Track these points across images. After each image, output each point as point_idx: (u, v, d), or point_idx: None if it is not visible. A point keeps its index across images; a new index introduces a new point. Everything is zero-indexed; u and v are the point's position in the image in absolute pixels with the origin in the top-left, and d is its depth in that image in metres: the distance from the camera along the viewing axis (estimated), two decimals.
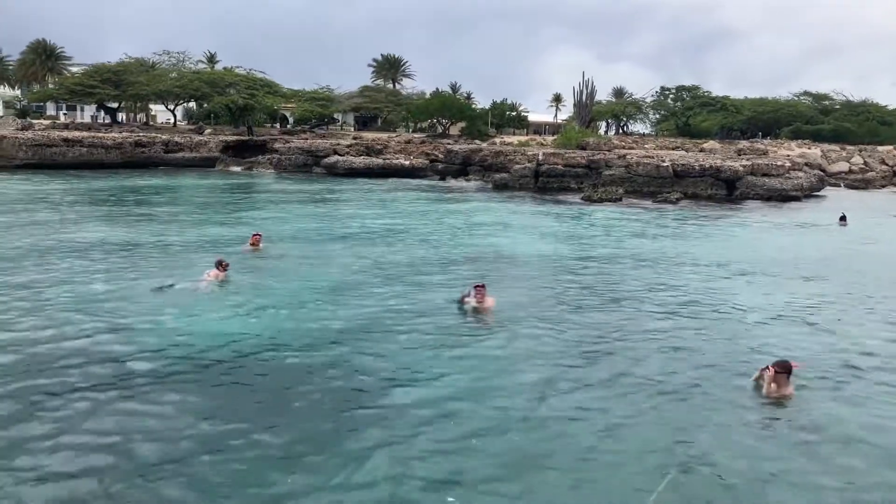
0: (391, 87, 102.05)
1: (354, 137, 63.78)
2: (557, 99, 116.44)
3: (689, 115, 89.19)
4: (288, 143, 54.30)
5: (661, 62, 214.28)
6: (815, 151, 58.52)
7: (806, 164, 47.44)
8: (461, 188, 42.11)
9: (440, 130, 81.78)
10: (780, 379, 9.09)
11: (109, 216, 24.95)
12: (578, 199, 35.86)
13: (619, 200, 35.51)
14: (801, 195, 38.23)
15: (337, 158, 48.90)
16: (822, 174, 46.64)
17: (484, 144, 55.07)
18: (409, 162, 52.06)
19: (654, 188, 37.39)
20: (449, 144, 56.51)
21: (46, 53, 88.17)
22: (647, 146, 57.69)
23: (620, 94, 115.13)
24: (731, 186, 37.51)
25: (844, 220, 29.12)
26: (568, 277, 16.54)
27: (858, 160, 58.24)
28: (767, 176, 38.04)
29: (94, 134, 52.59)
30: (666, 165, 38.20)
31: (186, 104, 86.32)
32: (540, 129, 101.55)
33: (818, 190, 42.50)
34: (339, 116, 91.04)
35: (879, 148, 64.23)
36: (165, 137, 54.00)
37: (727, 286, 15.92)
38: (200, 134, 61.28)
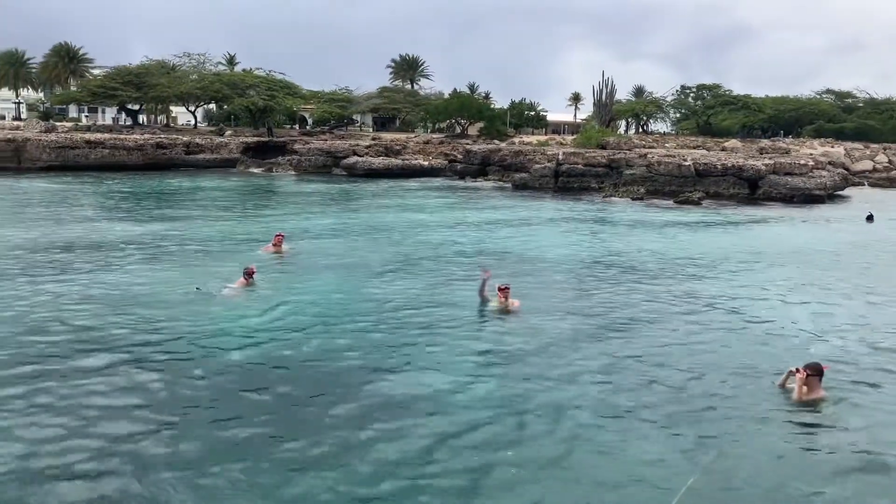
0: (409, 87, 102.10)
1: (373, 138, 63.85)
2: (576, 98, 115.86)
3: (709, 113, 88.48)
4: (308, 144, 54.45)
5: (680, 60, 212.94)
6: (838, 150, 57.84)
7: (829, 162, 46.85)
8: (480, 188, 42.02)
9: (459, 131, 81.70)
10: (811, 382, 8.85)
11: (133, 217, 25.11)
12: (599, 198, 35.70)
13: (640, 200, 35.30)
14: (824, 194, 37.76)
15: (356, 159, 48.98)
16: (845, 173, 46.07)
17: (503, 144, 54.94)
18: (427, 162, 52.08)
19: (675, 188, 37.09)
20: (468, 145, 56.43)
21: (69, 56, 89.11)
22: (667, 145, 57.31)
23: (640, 92, 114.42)
24: (753, 186, 37.13)
25: (871, 219, 28.74)
26: (591, 278, 16.44)
27: (883, 158, 57.55)
28: (790, 175, 37.61)
29: (115, 136, 53.01)
30: (688, 164, 37.90)
31: (207, 106, 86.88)
32: (559, 128, 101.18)
33: (842, 189, 41.99)
34: (357, 117, 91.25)
35: None
36: (186, 139, 54.36)
37: (754, 287, 15.71)
38: (221, 135, 61.61)
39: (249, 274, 13.98)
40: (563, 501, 6.66)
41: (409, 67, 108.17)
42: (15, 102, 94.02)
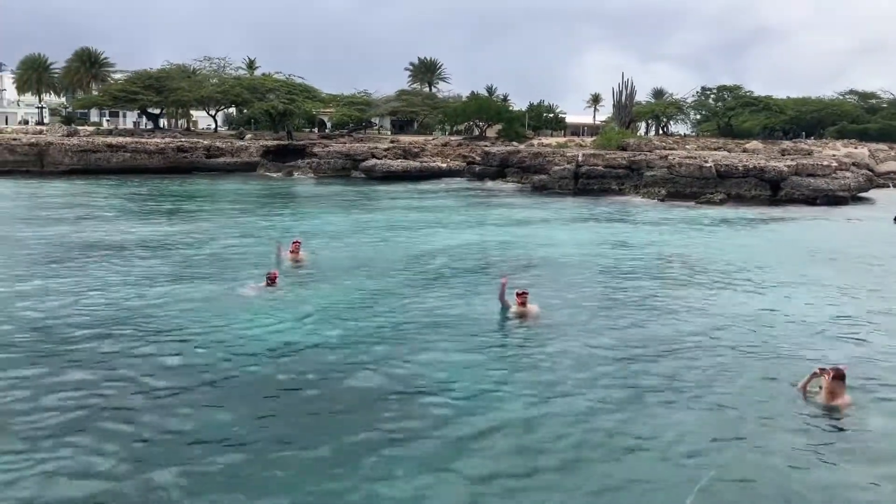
0: (427, 90, 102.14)
1: (392, 141, 63.90)
2: (596, 100, 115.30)
3: (730, 115, 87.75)
4: (327, 147, 54.60)
5: (700, 62, 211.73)
6: (862, 151, 57.07)
7: (853, 163, 46.21)
8: (499, 190, 41.92)
9: (477, 133, 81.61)
10: (836, 386, 8.60)
11: (152, 220, 25.28)
12: (620, 200, 35.48)
13: (661, 201, 35.03)
14: (848, 196, 37.24)
15: (375, 162, 49.05)
16: (869, 174, 45.39)
17: (522, 146, 54.72)
18: (446, 164, 52.07)
19: (696, 189, 36.76)
20: (486, 147, 56.31)
21: (91, 61, 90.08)
22: (688, 146, 56.88)
23: (660, 94, 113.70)
24: (775, 187, 36.69)
25: None
26: (612, 281, 16.28)
27: None
28: (813, 176, 37.12)
29: (137, 140, 53.46)
30: (709, 166, 37.54)
31: (227, 110, 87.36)
32: (578, 130, 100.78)
33: (866, 190, 41.38)
34: (376, 120, 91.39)
35: None
36: (207, 143, 54.69)
37: (779, 290, 15.49)
38: (241, 139, 61.94)
39: (272, 278, 14.00)
40: (577, 501, 6.58)
41: (427, 70, 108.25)
42: (38, 107, 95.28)
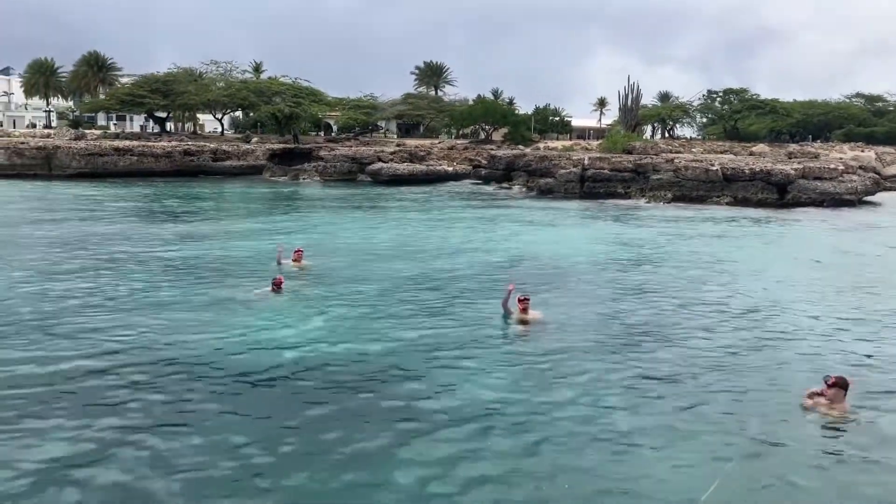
0: (434, 93, 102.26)
1: (398, 145, 63.99)
2: (601, 103, 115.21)
3: (737, 118, 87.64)
4: (333, 150, 54.70)
5: (706, 64, 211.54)
6: (868, 154, 56.85)
7: (860, 167, 46.07)
8: (505, 194, 41.92)
9: (483, 136, 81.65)
10: (836, 395, 8.45)
11: (158, 225, 25.34)
12: (626, 203, 35.44)
13: (667, 205, 34.99)
14: (855, 199, 37.15)
15: (381, 165, 49.13)
16: (877, 177, 45.20)
17: (528, 150, 54.75)
18: (452, 168, 52.16)
19: (702, 192, 36.75)
20: (492, 150, 56.33)
21: (98, 65, 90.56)
22: (694, 150, 56.77)
23: (666, 97, 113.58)
24: (782, 190, 36.60)
25: None
26: (616, 287, 16.11)
27: None
28: (820, 179, 37.03)
29: (144, 143, 53.68)
30: (715, 169, 37.49)
31: (233, 113, 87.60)
32: (583, 133, 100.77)
33: (873, 193, 41.24)
34: (382, 124, 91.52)
35: None
36: (213, 146, 54.87)
37: (788, 295, 15.36)
38: (247, 142, 62.12)
39: (277, 284, 13.99)
40: None
41: (433, 74, 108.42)
42: (45, 111, 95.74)
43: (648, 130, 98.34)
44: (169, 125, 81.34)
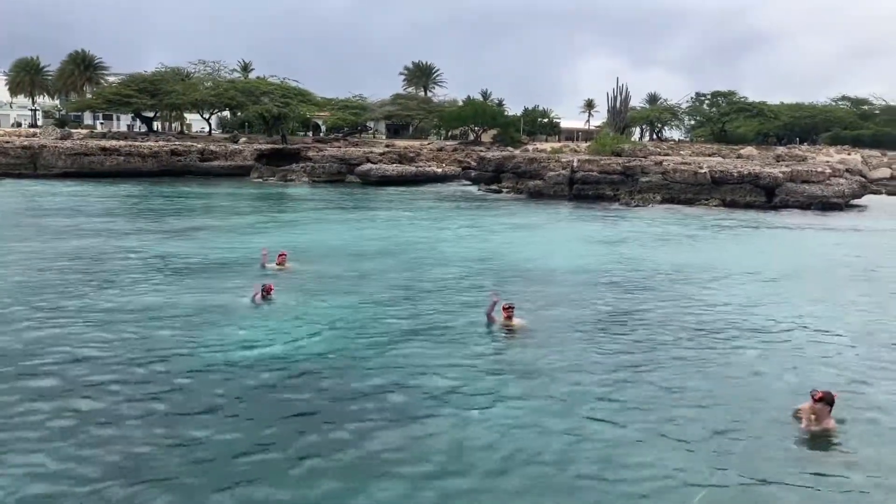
0: (423, 94, 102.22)
1: (387, 145, 63.89)
2: (590, 105, 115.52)
3: (724, 120, 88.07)
4: (321, 151, 54.52)
5: (694, 67, 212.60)
6: (855, 157, 57.20)
7: (847, 170, 46.33)
8: (495, 196, 41.85)
9: (472, 138, 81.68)
10: (821, 411, 8.24)
11: (143, 227, 25.13)
12: (615, 206, 35.46)
13: (656, 207, 35.03)
14: (842, 202, 37.31)
15: (370, 166, 48.98)
16: (863, 180, 45.43)
17: (517, 151, 54.73)
18: (441, 169, 52.11)
19: (691, 195, 36.82)
20: (482, 152, 56.32)
21: (85, 64, 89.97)
22: (683, 152, 56.94)
23: (654, 100, 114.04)
24: (770, 193, 36.73)
25: None
26: (603, 292, 15.92)
27: None
28: (808, 182, 37.17)
29: (131, 143, 53.36)
30: (704, 172, 37.58)
31: (221, 113, 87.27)
32: (572, 135, 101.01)
33: (860, 196, 41.45)
34: (371, 124, 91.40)
35: None
36: (201, 146, 54.57)
37: (780, 302, 15.18)
38: (235, 143, 61.82)
39: (267, 290, 13.78)
40: None
41: (422, 74, 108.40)
42: (31, 109, 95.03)
43: (637, 132, 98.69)
44: (156, 125, 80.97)
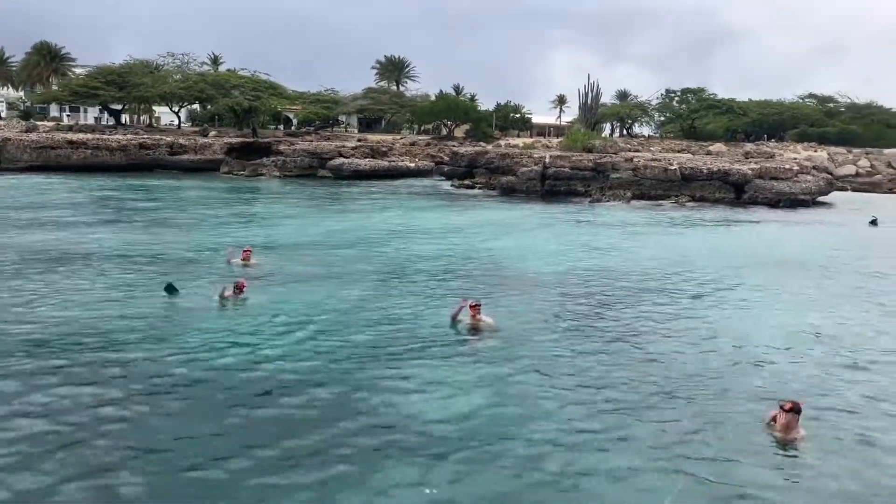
0: (395, 88, 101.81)
1: (359, 139, 63.59)
2: (561, 100, 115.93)
3: (694, 117, 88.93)
4: (293, 145, 54.00)
5: (664, 64, 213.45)
6: (821, 154, 58.20)
7: (813, 167, 47.08)
8: (467, 191, 41.91)
9: (445, 132, 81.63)
10: (789, 420, 8.22)
11: (110, 222, 24.79)
12: (586, 202, 35.70)
13: (626, 204, 35.32)
14: (810, 199, 37.96)
15: (342, 161, 48.74)
16: (830, 177, 46.22)
17: (489, 147, 54.75)
18: (414, 164, 52.03)
19: (661, 192, 37.20)
20: (454, 147, 56.29)
21: (50, 55, 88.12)
22: (653, 149, 57.43)
23: (624, 96, 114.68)
24: (739, 190, 37.25)
25: (875, 223, 28.90)
26: (574, 289, 15.93)
27: (865, 163, 57.96)
28: (776, 179, 37.75)
29: (98, 136, 52.44)
30: (674, 169, 37.97)
31: (190, 106, 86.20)
32: (544, 130, 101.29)
33: (826, 193, 42.16)
34: (343, 118, 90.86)
35: (885, 151, 63.95)
36: (170, 139, 53.84)
37: (751, 299, 15.24)
38: (205, 136, 61.08)
39: (239, 287, 13.58)
40: None
41: (394, 68, 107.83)
42: None
43: (607, 128, 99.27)
44: (124, 118, 79.75)
